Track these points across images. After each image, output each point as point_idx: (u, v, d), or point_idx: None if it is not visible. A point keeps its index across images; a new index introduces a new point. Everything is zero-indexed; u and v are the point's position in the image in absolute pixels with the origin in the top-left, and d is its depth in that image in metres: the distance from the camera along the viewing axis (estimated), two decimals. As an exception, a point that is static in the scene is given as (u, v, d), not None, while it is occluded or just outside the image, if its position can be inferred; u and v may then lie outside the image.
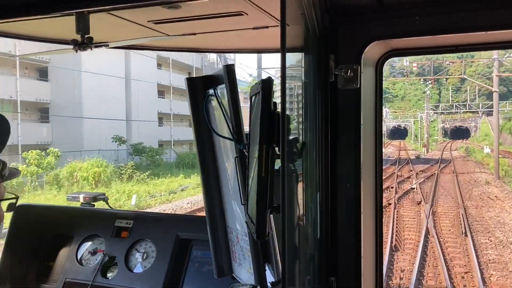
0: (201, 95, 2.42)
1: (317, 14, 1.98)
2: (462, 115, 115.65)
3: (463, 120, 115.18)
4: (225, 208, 2.52)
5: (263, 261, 2.11)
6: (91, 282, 3.27)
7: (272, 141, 1.65)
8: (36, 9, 2.16)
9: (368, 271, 2.20)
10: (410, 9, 2.01)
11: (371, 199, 2.22)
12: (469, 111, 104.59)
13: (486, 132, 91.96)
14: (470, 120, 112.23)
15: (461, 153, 66.07)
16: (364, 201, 2.15)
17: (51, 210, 3.99)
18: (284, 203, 1.49)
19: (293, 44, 1.79)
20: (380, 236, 2.27)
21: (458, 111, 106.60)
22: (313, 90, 2.09)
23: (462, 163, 47.04)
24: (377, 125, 2.23)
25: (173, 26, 2.71)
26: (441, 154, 60.27)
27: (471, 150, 63.08)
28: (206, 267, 3.14)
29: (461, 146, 79.53)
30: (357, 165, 2.13)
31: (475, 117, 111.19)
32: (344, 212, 2.16)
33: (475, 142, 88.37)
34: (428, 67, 69.43)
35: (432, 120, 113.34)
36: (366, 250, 2.17)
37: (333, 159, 2.15)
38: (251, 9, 2.36)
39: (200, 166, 2.54)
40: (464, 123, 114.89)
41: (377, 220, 2.25)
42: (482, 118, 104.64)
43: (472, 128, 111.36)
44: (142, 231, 3.38)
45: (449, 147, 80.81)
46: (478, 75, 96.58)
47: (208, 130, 2.42)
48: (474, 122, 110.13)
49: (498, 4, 1.91)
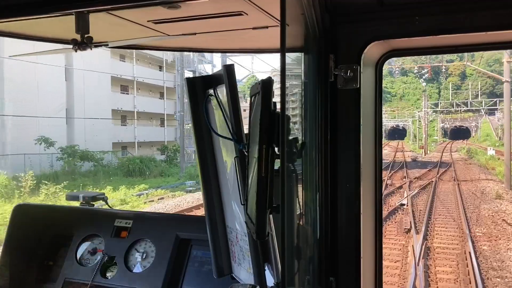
0: (201, 95, 2.42)
1: (317, 14, 1.98)
2: (463, 115, 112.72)
3: (463, 120, 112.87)
4: (225, 208, 2.52)
5: (262, 261, 2.11)
6: (91, 282, 3.27)
7: (271, 141, 1.65)
8: (36, 8, 2.16)
9: (367, 271, 2.20)
10: (410, 9, 2.01)
11: (370, 199, 2.22)
12: (469, 109, 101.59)
13: (487, 132, 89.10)
14: (470, 120, 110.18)
15: (462, 155, 61.42)
16: (364, 201, 2.15)
17: (50, 209, 3.99)
18: (284, 203, 1.49)
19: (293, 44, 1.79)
20: (379, 236, 2.27)
21: (458, 109, 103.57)
22: (313, 90, 2.09)
23: (464, 167, 42.68)
24: (376, 125, 2.23)
25: (173, 26, 2.71)
26: (440, 156, 55.95)
27: (473, 152, 58.90)
28: (206, 267, 3.14)
29: (462, 147, 75.29)
30: (356, 165, 2.13)
31: (475, 117, 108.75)
32: (343, 212, 2.16)
33: (475, 142, 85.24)
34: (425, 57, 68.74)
35: (431, 120, 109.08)
36: (365, 250, 2.17)
37: (332, 159, 2.15)
38: (251, 9, 2.36)
39: (199, 166, 2.54)
40: (465, 123, 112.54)
41: (376, 220, 2.25)
42: (483, 118, 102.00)
43: (473, 128, 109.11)
44: (142, 231, 3.38)
45: (449, 148, 76.74)
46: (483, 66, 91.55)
47: (208, 130, 2.42)
48: (475, 122, 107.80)
49: (498, 4, 1.91)
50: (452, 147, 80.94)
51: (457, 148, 78.04)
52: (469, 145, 76.13)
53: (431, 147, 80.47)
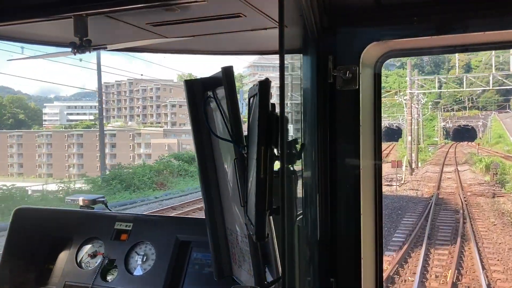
0: (200, 98, 2.42)
1: (315, 15, 1.99)
2: (468, 113, 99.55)
3: (468, 118, 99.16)
4: (225, 210, 2.52)
5: (263, 262, 2.11)
6: (91, 285, 3.26)
7: (270, 142, 1.65)
8: (35, 12, 2.16)
9: (368, 272, 2.20)
10: (408, 10, 2.01)
11: (370, 200, 2.22)
12: (474, 106, 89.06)
13: (500, 133, 75.97)
14: (479, 117, 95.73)
15: (479, 173, 35.97)
16: (364, 202, 2.15)
17: (50, 213, 3.99)
18: (284, 204, 1.49)
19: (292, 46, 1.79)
20: (380, 237, 2.27)
21: (463, 106, 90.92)
22: (311, 91, 2.09)
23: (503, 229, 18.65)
24: (376, 126, 2.23)
25: (172, 29, 2.72)
26: (438, 178, 32.42)
27: (503, 168, 33.22)
28: (206, 269, 3.14)
29: (471, 154, 51.91)
30: (356, 166, 2.13)
31: (483, 114, 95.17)
32: (343, 213, 2.16)
33: (485, 146, 68.91)
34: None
35: (430, 119, 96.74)
36: (366, 251, 2.17)
37: (332, 160, 2.15)
38: (250, 11, 2.36)
39: (199, 168, 2.54)
40: (470, 121, 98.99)
41: (376, 221, 2.24)
42: (492, 115, 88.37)
43: (479, 128, 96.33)
44: (142, 234, 3.38)
45: (453, 154, 57.04)
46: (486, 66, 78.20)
47: (207, 132, 2.42)
48: (482, 120, 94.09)
49: (497, 4, 1.91)
50: (457, 153, 61.57)
51: (464, 155, 56.74)
52: (480, 150, 57.06)
53: (426, 155, 57.57)
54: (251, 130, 1.81)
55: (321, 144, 2.13)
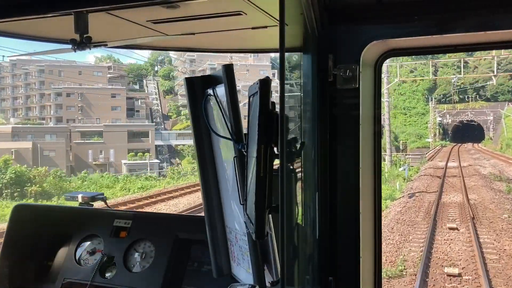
0: (200, 95, 2.42)
1: (316, 13, 1.98)
2: (472, 104, 71.57)
3: (472, 111, 70.43)
4: (224, 208, 2.52)
5: (262, 261, 2.11)
6: (90, 282, 3.27)
7: (270, 141, 1.65)
8: (35, 8, 2.16)
9: (366, 271, 2.20)
10: (409, 9, 2.01)
11: (370, 199, 2.22)
12: (480, 95, 62.50)
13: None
14: (486, 110, 67.81)
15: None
16: (363, 201, 2.15)
17: (49, 209, 3.99)
18: (283, 203, 1.49)
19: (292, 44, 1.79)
20: (379, 236, 2.27)
21: (464, 97, 63.80)
22: (312, 90, 2.09)
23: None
24: (376, 124, 2.23)
25: (172, 26, 2.71)
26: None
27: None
28: (205, 266, 3.14)
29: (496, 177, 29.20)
30: (356, 165, 2.13)
31: (492, 107, 67.00)
32: (343, 212, 2.16)
33: (498, 150, 48.00)
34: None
35: (422, 113, 70.91)
36: (365, 250, 2.17)
37: (332, 159, 2.15)
38: (250, 8, 2.36)
39: (199, 166, 2.54)
40: (476, 116, 70.54)
41: (375, 220, 2.25)
42: (506, 108, 62.89)
43: (489, 124, 68.45)
44: (141, 231, 3.38)
45: (459, 182, 29.09)
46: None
47: (207, 130, 2.42)
48: (493, 115, 66.81)
49: (497, 4, 1.91)
50: (463, 168, 36.79)
51: (481, 177, 30.80)
52: (494, 157, 38.68)
53: (413, 169, 35.11)
54: (251, 128, 1.81)
55: (321, 142, 2.13)
